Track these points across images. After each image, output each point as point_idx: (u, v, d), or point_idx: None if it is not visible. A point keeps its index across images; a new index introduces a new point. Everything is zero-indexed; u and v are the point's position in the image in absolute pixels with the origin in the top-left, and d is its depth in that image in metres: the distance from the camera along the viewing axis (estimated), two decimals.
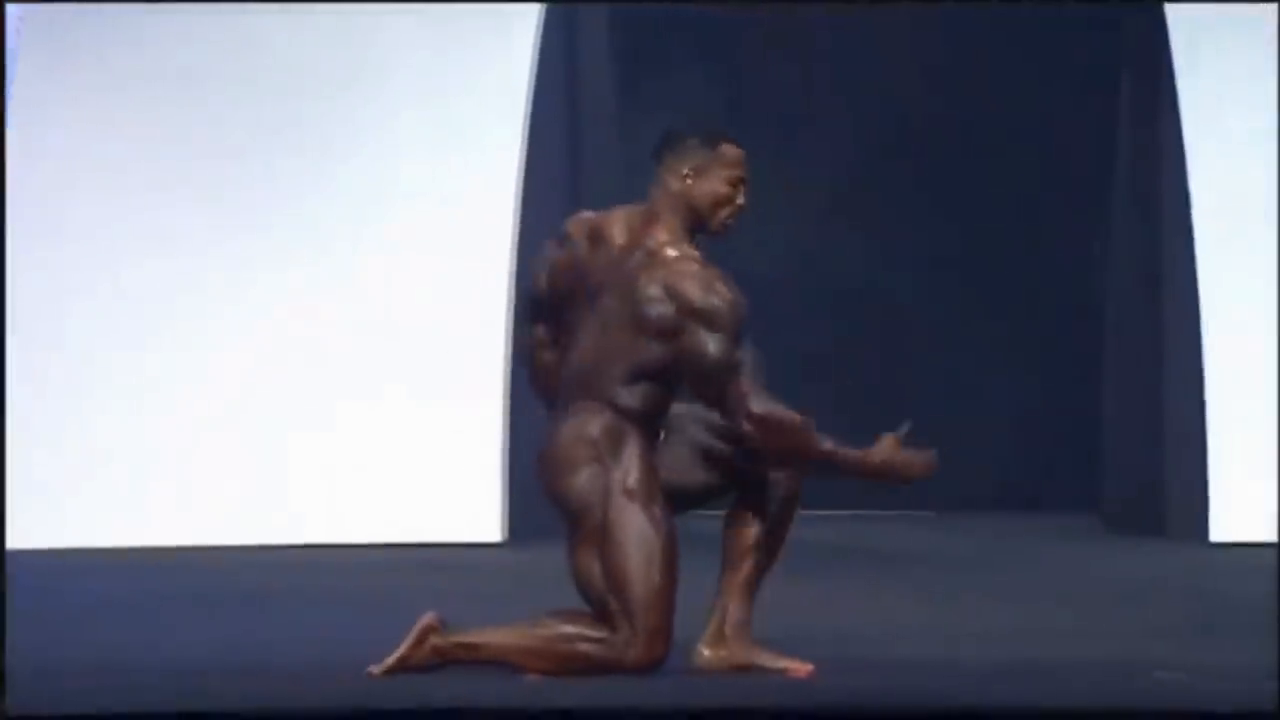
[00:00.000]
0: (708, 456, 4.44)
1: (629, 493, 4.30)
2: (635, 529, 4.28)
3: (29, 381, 8.62)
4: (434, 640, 4.29)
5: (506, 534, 8.84)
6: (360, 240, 9.00)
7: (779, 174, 10.58)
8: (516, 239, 8.87)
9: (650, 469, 4.34)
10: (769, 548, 4.50)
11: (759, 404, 4.26)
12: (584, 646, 4.28)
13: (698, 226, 4.45)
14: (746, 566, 4.47)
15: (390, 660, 4.29)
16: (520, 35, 9.09)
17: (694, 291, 4.31)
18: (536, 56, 9.12)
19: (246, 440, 8.89)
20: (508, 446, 8.78)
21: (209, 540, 8.71)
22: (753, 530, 4.47)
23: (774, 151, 10.28)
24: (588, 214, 4.58)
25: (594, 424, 4.33)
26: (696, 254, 4.39)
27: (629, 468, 4.32)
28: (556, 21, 9.35)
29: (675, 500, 4.39)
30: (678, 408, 4.46)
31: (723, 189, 4.45)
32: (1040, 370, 11.16)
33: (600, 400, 4.35)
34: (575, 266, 4.47)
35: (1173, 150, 9.01)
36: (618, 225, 4.47)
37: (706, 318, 4.29)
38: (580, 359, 4.40)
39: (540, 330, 4.60)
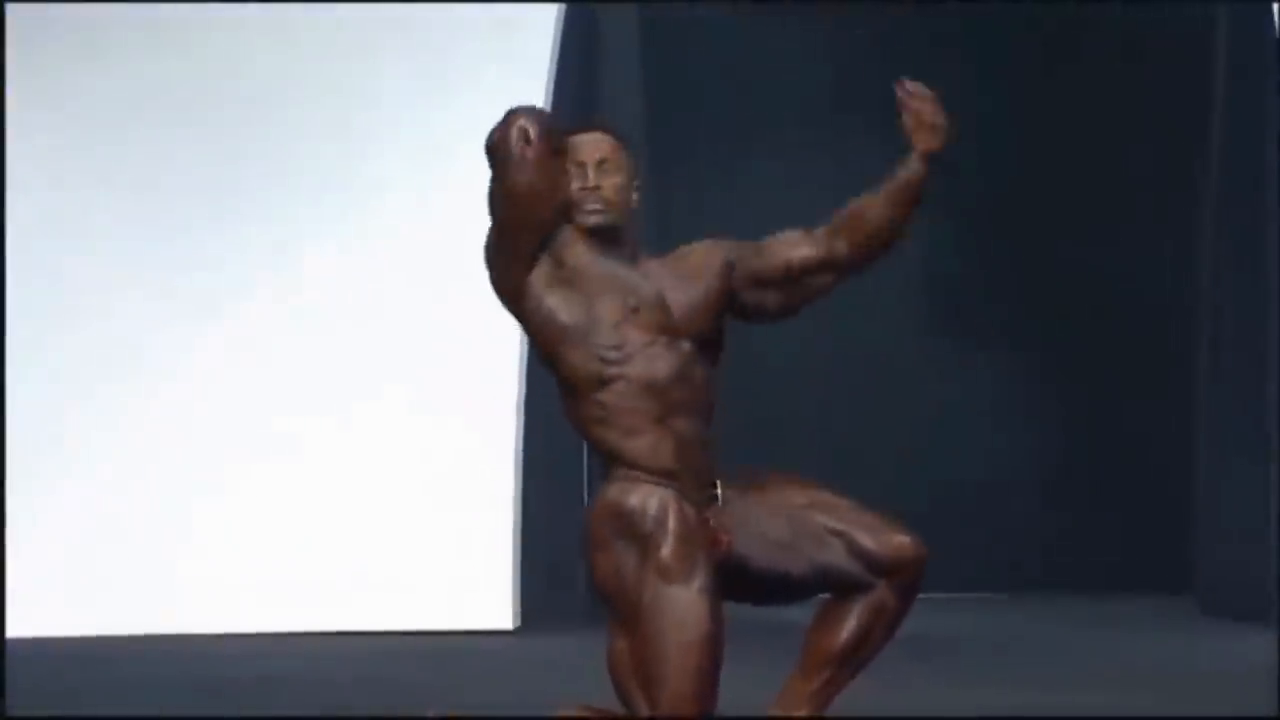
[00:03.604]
0: (797, 539, 4.30)
1: (663, 570, 4.20)
2: (672, 613, 4.17)
3: None
4: None
5: (519, 620, 8.81)
6: (367, 254, 9.04)
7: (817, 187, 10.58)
8: None
9: (687, 534, 4.22)
10: (852, 662, 4.33)
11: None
12: None
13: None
14: (821, 679, 4.32)
15: None
16: (539, 37, 9.12)
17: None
18: (555, 59, 9.15)
19: (227, 521, 8.90)
20: (519, 523, 8.73)
21: (191, 628, 8.72)
22: (840, 639, 4.30)
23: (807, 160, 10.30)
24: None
25: (634, 493, 4.27)
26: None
27: (660, 540, 4.21)
28: (577, 22, 9.38)
29: (748, 588, 4.31)
30: (771, 473, 4.40)
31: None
32: (1121, 424, 10.91)
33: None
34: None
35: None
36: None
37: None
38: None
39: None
